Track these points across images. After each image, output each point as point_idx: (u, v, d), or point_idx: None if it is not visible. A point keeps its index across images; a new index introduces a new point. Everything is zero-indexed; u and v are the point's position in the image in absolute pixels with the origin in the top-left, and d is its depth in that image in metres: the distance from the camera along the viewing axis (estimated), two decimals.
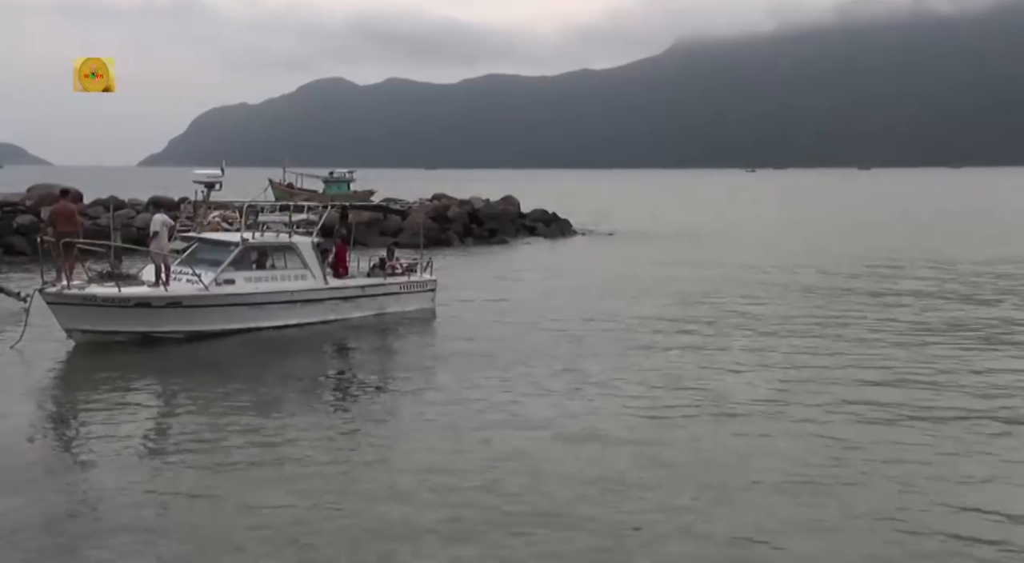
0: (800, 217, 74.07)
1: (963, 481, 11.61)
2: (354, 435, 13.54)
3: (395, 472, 11.83)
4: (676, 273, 34.17)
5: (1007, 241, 48.08)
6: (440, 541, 9.74)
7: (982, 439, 13.35)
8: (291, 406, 15.13)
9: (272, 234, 22.69)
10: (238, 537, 9.79)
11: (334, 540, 9.75)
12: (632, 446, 12.93)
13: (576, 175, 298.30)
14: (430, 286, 25.30)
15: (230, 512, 10.46)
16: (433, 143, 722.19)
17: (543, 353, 19.14)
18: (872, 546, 9.70)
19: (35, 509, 10.53)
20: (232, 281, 21.03)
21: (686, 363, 18.36)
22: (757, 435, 13.51)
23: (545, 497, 10.94)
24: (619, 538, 9.84)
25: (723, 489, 11.24)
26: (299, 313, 22.07)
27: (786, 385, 16.55)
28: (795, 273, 34.10)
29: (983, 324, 23.03)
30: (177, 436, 13.50)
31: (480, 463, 12.16)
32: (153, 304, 20.01)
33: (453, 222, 49.62)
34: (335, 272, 23.72)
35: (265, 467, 12.00)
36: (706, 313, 24.62)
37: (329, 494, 11.02)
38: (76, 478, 11.69)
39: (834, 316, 24.28)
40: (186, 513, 10.46)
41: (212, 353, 19.34)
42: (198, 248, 21.85)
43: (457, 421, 14.12)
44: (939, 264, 37.01)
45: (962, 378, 17.06)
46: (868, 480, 11.60)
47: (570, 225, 54.99)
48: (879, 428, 13.91)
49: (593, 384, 16.48)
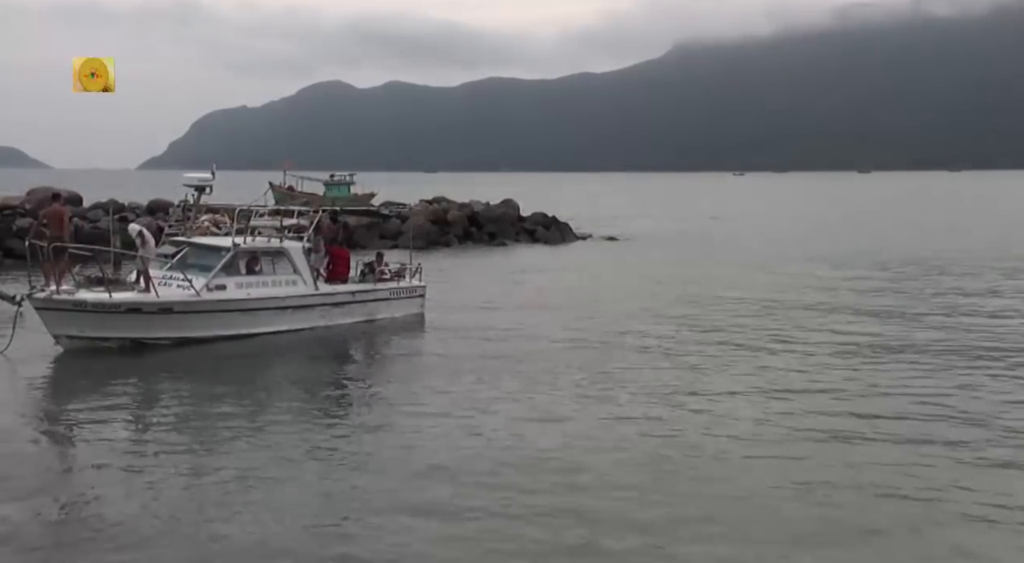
0: (794, 220, 73.95)
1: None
2: (344, 444, 13.31)
3: (387, 482, 11.61)
4: (677, 278, 33.95)
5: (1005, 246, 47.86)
6: (442, 554, 9.59)
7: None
8: (281, 414, 14.91)
9: (263, 239, 22.46)
10: (227, 546, 9.64)
11: (324, 549, 9.59)
12: (616, 453, 12.75)
13: (576, 178, 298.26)
14: (419, 292, 25.08)
15: (220, 521, 10.28)
16: (433, 146, 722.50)
17: (532, 363, 18.81)
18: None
19: (24, 516, 10.35)
20: (223, 286, 20.80)
21: (685, 374, 18.00)
22: (755, 445, 13.27)
23: (540, 503, 10.73)
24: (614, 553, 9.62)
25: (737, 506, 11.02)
26: (290, 319, 21.83)
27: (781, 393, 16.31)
28: (786, 277, 33.94)
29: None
30: (166, 444, 13.26)
31: (471, 473, 11.94)
32: (144, 310, 19.77)
33: (453, 225, 49.55)
34: (331, 277, 23.57)
35: (256, 476, 11.79)
36: (709, 324, 24.17)
37: (319, 503, 10.86)
38: (63, 486, 11.50)
39: (832, 327, 24.05)
40: (175, 521, 10.25)
41: (202, 360, 19.11)
42: (188, 253, 21.62)
43: (447, 432, 13.90)
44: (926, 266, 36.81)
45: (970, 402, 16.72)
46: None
47: (570, 229, 54.74)
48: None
49: (582, 395, 16.17)
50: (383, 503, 10.90)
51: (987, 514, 10.67)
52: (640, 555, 9.59)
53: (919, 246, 47.03)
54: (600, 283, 32.94)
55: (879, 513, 10.65)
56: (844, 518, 10.51)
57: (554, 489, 11.40)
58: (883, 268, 37.08)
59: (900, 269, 36.77)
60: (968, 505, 10.93)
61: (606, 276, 35.17)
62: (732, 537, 9.96)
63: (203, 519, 10.37)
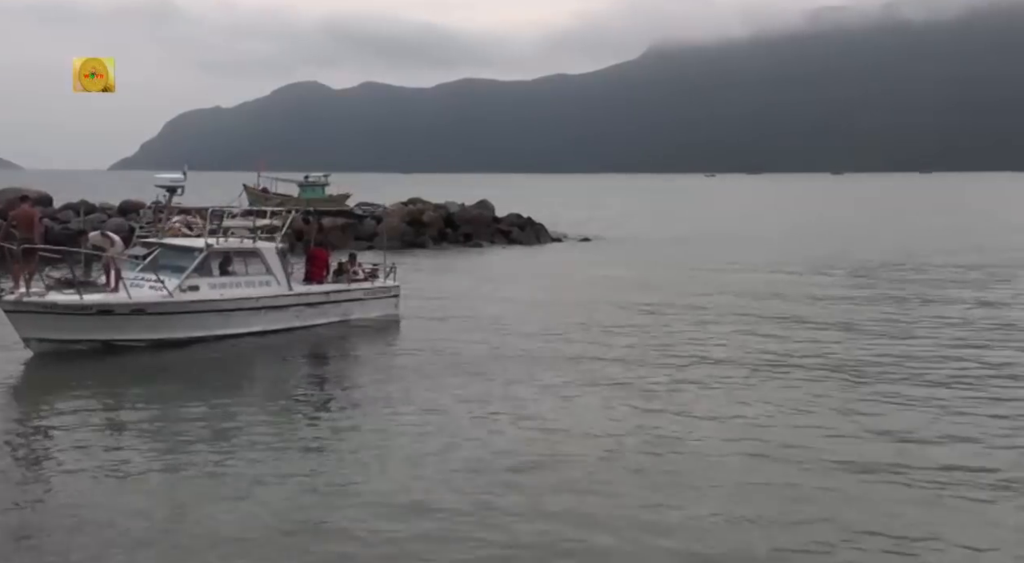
0: (763, 222, 74.47)
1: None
2: (319, 444, 13.27)
3: (363, 481, 11.61)
4: (649, 279, 34.06)
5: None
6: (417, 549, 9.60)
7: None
8: (256, 415, 14.85)
9: (236, 239, 22.33)
10: (204, 544, 9.64)
11: (301, 547, 9.60)
12: (591, 450, 12.78)
13: (552, 179, 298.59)
14: (394, 292, 25.03)
15: (192, 524, 10.22)
16: (409, 147, 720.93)
17: (507, 364, 18.80)
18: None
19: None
20: (196, 287, 20.65)
21: (654, 374, 17.99)
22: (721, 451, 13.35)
23: (514, 506, 10.74)
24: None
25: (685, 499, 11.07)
26: (264, 320, 21.71)
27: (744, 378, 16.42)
28: (755, 277, 34.15)
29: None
30: (138, 448, 13.15)
31: (444, 471, 11.93)
32: (116, 311, 19.58)
33: (428, 226, 49.51)
34: (308, 277, 23.49)
35: (232, 475, 11.77)
36: (679, 326, 24.15)
37: (296, 501, 10.84)
38: (32, 492, 11.36)
39: (797, 315, 24.22)
40: (147, 525, 10.15)
41: (175, 362, 18.96)
42: (160, 254, 21.45)
43: (421, 431, 13.88)
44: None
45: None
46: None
47: (545, 230, 54.79)
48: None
49: (552, 396, 16.14)
50: (360, 501, 10.92)
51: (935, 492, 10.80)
52: (617, 555, 9.62)
53: (864, 249, 46.75)
54: (573, 284, 33.00)
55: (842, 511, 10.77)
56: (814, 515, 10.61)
57: (531, 487, 11.42)
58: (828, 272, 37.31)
59: (846, 271, 37.11)
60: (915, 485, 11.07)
61: (579, 277, 35.24)
62: (705, 534, 10.03)
63: (178, 518, 10.33)
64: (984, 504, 11.00)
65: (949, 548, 9.81)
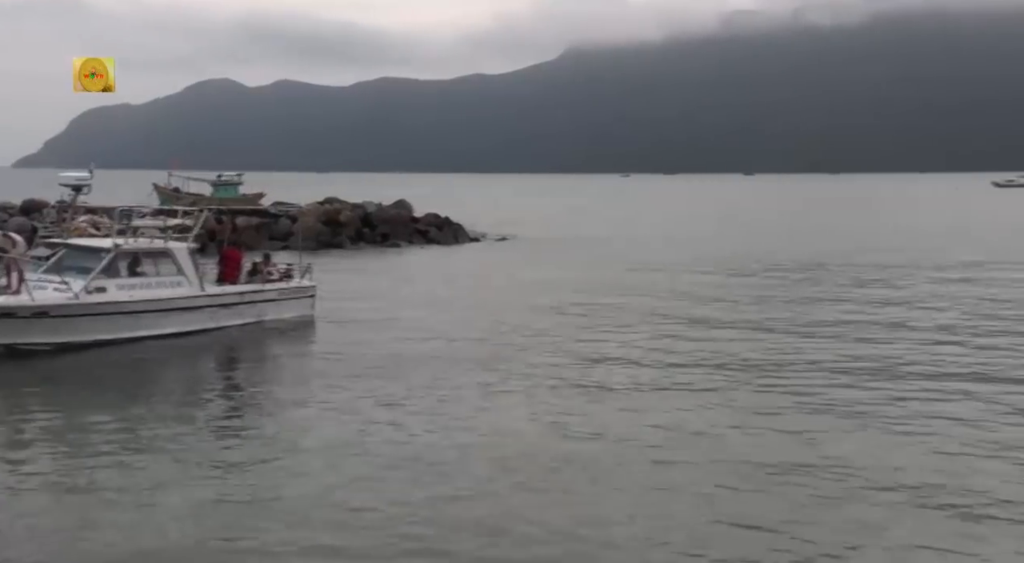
0: (676, 220, 75.85)
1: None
2: (232, 454, 13.02)
3: (274, 492, 11.43)
4: (566, 279, 34.36)
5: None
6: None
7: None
8: (163, 424, 14.45)
9: (146, 239, 21.83)
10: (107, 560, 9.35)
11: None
12: (504, 456, 12.85)
13: (470, 179, 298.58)
14: (309, 292, 24.79)
15: (90, 543, 9.85)
16: (325, 146, 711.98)
17: (422, 365, 18.76)
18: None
19: None
20: (104, 289, 20.12)
21: (565, 373, 18.15)
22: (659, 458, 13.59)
23: (430, 507, 10.77)
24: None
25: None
26: (175, 321, 21.27)
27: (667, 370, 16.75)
28: (666, 273, 34.85)
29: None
30: (35, 460, 12.69)
31: (363, 477, 11.88)
32: (18, 314, 18.95)
33: (345, 226, 49.07)
34: (221, 277, 23.14)
35: (140, 487, 11.44)
36: (589, 325, 24.43)
37: (206, 512, 10.62)
38: None
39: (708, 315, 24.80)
40: (39, 546, 9.78)
41: (82, 366, 18.45)
42: (66, 254, 20.85)
43: (336, 435, 13.79)
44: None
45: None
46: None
47: (464, 230, 54.83)
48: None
49: (467, 397, 16.19)
50: (273, 509, 10.75)
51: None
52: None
53: (768, 247, 47.91)
54: (488, 285, 33.11)
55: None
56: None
57: (448, 487, 11.44)
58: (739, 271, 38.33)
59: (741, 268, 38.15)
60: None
61: (495, 278, 35.36)
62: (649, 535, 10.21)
63: (76, 537, 9.94)
64: (890, 502, 11.38)
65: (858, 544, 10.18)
